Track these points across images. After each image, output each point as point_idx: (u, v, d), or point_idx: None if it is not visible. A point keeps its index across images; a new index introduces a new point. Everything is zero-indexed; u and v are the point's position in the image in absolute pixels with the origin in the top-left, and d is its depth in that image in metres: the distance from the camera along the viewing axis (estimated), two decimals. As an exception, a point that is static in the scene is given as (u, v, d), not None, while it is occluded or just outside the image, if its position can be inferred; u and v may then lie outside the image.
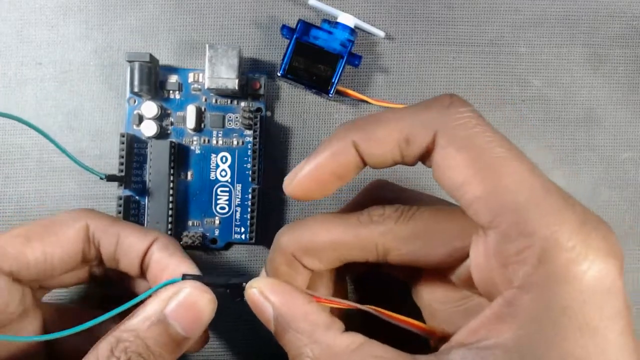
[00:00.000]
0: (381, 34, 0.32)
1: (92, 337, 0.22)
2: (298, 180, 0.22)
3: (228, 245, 0.32)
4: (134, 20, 0.32)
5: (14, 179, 0.32)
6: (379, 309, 0.22)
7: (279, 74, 0.30)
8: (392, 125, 0.20)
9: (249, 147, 0.31)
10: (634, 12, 0.33)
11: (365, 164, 0.21)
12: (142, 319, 0.22)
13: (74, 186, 0.32)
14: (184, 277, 0.23)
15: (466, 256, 0.21)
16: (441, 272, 0.23)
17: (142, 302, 0.23)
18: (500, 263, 0.19)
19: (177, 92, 0.31)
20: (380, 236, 0.22)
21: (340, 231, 0.22)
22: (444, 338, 0.22)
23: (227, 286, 0.24)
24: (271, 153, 0.32)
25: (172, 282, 0.23)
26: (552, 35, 0.33)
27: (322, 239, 0.23)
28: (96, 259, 0.26)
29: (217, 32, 0.32)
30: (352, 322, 0.22)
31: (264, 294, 0.22)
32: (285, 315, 0.21)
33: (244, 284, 0.23)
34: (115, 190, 0.31)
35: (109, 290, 0.30)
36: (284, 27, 0.30)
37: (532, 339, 0.17)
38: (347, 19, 0.30)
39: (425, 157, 0.20)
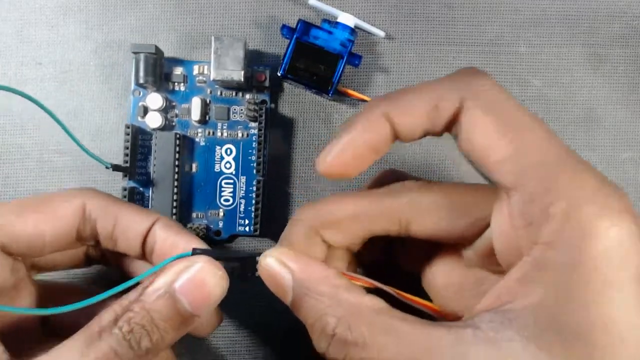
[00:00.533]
0: (381, 33, 0.32)
1: (92, 312, 0.22)
2: (334, 155, 0.21)
3: (232, 238, 0.32)
4: (134, 20, 0.32)
5: (14, 179, 0.32)
6: (398, 291, 0.23)
7: (279, 74, 0.30)
8: (422, 95, 0.21)
9: (254, 139, 0.31)
10: (634, 12, 0.33)
11: (396, 137, 0.21)
12: (150, 291, 0.21)
13: (74, 186, 0.32)
14: (194, 251, 0.23)
15: (485, 228, 0.21)
16: (458, 251, 0.24)
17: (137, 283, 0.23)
18: (526, 222, 0.19)
19: (182, 84, 0.31)
20: (402, 206, 0.22)
21: (364, 202, 0.23)
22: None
23: (239, 260, 0.23)
24: (276, 145, 0.32)
25: (182, 257, 0.22)
26: (552, 35, 0.33)
27: (345, 209, 0.23)
28: (92, 238, 0.26)
29: (218, 32, 0.32)
30: None
31: (282, 262, 0.21)
32: (305, 280, 0.21)
33: (257, 257, 0.22)
34: (115, 191, 0.31)
35: (105, 270, 0.30)
36: (284, 27, 0.30)
37: (562, 297, 0.17)
38: (347, 19, 0.30)
39: (452, 123, 0.21)
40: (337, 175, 0.22)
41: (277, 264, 0.21)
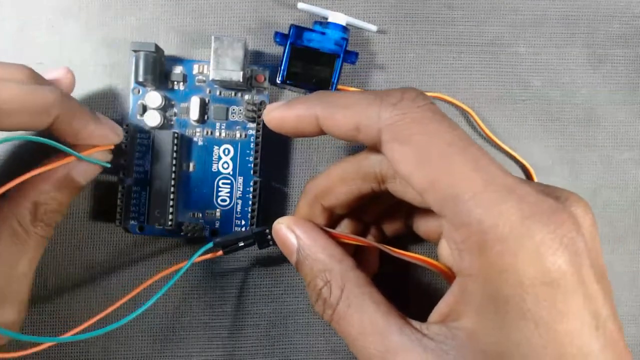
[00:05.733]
0: (373, 28, 0.31)
1: None
2: (270, 115, 0.26)
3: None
4: (134, 20, 0.32)
5: (14, 179, 0.32)
6: (393, 249, 0.24)
7: (278, 82, 0.30)
8: (348, 113, 0.23)
9: (252, 139, 0.31)
10: (634, 12, 0.33)
11: (323, 132, 0.24)
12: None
13: (73, 186, 0.32)
14: (215, 243, 0.28)
15: None
16: None
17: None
18: (453, 247, 0.20)
19: (181, 83, 0.31)
20: (379, 162, 0.25)
21: (348, 164, 0.26)
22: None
23: (254, 236, 0.28)
24: (273, 146, 0.32)
25: (206, 248, 0.27)
26: (552, 35, 0.33)
27: (333, 175, 0.26)
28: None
29: (218, 32, 0.32)
30: None
31: (290, 228, 0.25)
32: (307, 245, 0.25)
33: (267, 230, 0.27)
34: (113, 189, 0.31)
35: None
36: (277, 34, 0.30)
37: (485, 326, 0.19)
38: (338, 18, 0.30)
39: (378, 146, 0.22)
40: (274, 127, 0.26)
41: (286, 230, 0.25)
